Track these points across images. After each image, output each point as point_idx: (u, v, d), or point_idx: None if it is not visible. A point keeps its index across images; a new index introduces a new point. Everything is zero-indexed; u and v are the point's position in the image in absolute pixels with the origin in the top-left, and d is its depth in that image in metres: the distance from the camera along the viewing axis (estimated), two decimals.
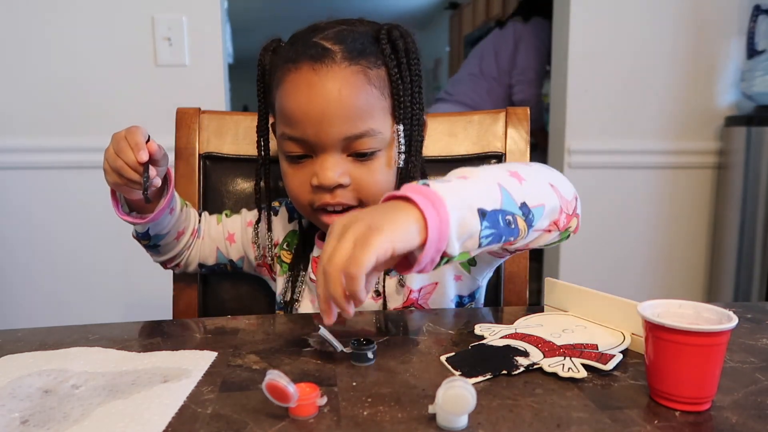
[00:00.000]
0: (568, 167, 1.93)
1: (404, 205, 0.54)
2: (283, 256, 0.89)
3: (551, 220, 0.65)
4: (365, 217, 0.52)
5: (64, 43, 1.66)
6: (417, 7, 5.73)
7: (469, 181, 0.58)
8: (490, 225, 0.56)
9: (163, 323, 0.71)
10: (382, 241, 0.50)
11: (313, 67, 0.73)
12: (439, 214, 0.53)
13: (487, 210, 0.56)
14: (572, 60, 1.89)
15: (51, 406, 0.49)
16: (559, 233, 0.68)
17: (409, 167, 0.78)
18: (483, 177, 0.60)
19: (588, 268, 1.99)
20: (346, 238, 0.51)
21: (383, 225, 0.51)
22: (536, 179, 0.65)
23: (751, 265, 1.85)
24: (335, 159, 0.74)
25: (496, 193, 0.58)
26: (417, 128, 0.78)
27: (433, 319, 0.71)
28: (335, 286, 0.50)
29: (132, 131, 0.71)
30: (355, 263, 0.49)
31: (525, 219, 0.60)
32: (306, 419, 0.46)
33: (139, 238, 0.85)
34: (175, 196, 0.84)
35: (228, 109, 1.84)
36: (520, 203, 0.60)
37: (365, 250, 0.49)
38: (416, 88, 0.78)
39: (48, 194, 1.73)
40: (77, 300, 1.78)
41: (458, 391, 0.43)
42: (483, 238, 0.57)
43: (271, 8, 5.16)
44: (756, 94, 1.86)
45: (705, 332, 0.46)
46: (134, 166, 0.70)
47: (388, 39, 0.76)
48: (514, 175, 0.62)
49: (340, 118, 0.72)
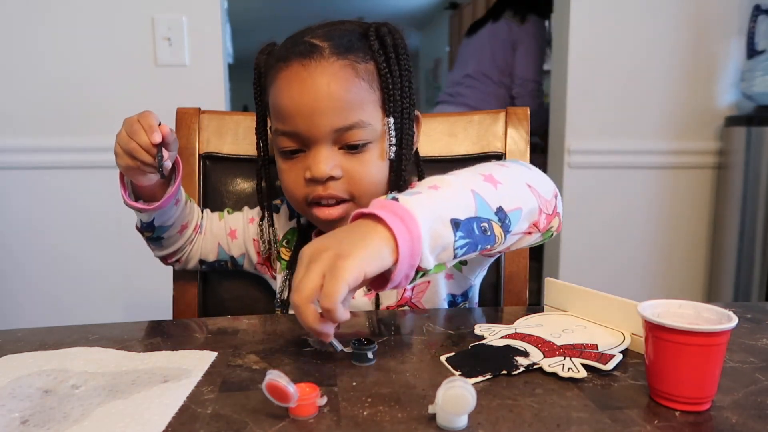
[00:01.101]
0: (568, 167, 1.93)
1: (372, 225, 0.53)
2: (282, 253, 0.90)
3: (530, 222, 0.65)
4: (332, 245, 0.52)
5: (64, 43, 1.66)
6: (417, 7, 5.73)
7: (440, 191, 0.57)
8: (464, 234, 0.56)
9: (163, 323, 0.71)
10: (352, 268, 0.49)
11: (302, 63, 0.74)
12: (410, 229, 0.52)
13: (461, 219, 0.56)
14: (572, 60, 1.89)
15: (51, 406, 0.49)
16: (540, 234, 0.67)
17: (402, 161, 0.79)
18: (455, 184, 0.59)
19: (588, 268, 1.99)
20: (312, 269, 0.51)
21: (352, 250, 0.50)
22: (512, 181, 0.64)
23: (751, 265, 1.85)
24: (327, 152, 0.75)
25: (470, 200, 0.58)
26: (408, 122, 0.79)
27: (433, 319, 0.71)
28: (306, 318, 0.51)
29: (145, 115, 0.73)
30: (327, 297, 0.49)
31: (501, 225, 0.59)
32: (306, 419, 0.46)
33: (143, 229, 0.86)
34: (181, 189, 0.84)
35: (228, 109, 1.84)
36: (495, 208, 0.59)
37: (336, 281, 0.49)
38: (406, 82, 0.79)
39: (48, 194, 1.73)
40: (77, 300, 1.78)
41: (458, 391, 0.43)
42: (458, 249, 0.56)
43: (271, 8, 5.17)
44: (756, 94, 1.86)
45: (705, 332, 0.46)
46: (147, 148, 0.71)
47: (376, 35, 0.78)
48: (489, 179, 0.61)
49: (330, 111, 0.73)
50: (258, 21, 5.22)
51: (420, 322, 0.69)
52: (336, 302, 0.49)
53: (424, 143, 0.97)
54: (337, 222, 0.78)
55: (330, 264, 0.50)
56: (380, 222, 0.53)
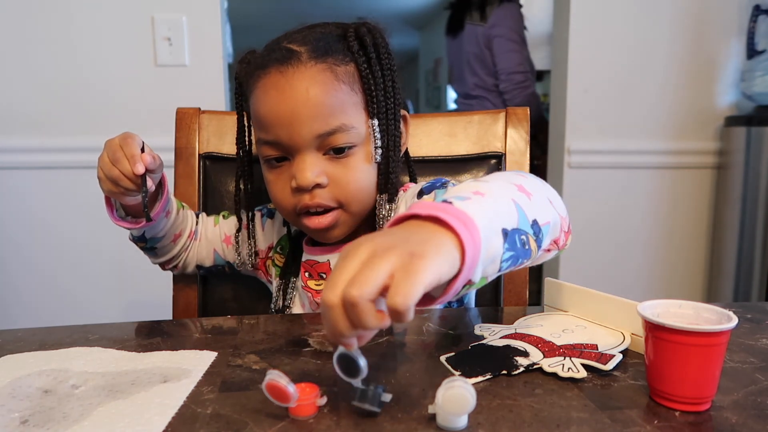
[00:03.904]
0: (568, 167, 1.94)
1: (435, 228, 0.46)
2: (276, 259, 0.89)
3: (552, 238, 0.61)
4: (398, 243, 0.44)
5: (64, 43, 1.66)
6: (416, 6, 5.73)
7: (486, 198, 0.52)
8: (509, 247, 0.52)
9: (162, 323, 0.71)
10: (430, 269, 0.42)
11: (280, 69, 0.73)
12: (473, 237, 0.46)
13: (508, 230, 0.52)
14: (572, 60, 1.89)
15: (51, 406, 0.49)
16: (557, 251, 0.63)
17: (389, 163, 0.77)
18: (496, 192, 0.54)
19: (588, 269, 1.99)
20: (378, 264, 0.42)
21: (427, 251, 0.43)
22: (539, 194, 0.60)
23: (751, 265, 1.85)
24: (311, 159, 0.74)
25: (512, 210, 0.53)
26: (393, 122, 0.77)
27: (433, 319, 0.71)
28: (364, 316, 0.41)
29: (127, 142, 0.71)
30: (403, 296, 0.40)
31: (536, 239, 0.55)
32: (306, 419, 0.46)
33: (135, 241, 0.86)
34: (171, 199, 0.84)
35: (228, 109, 1.84)
36: (531, 221, 0.55)
37: (414, 280, 0.41)
38: (389, 82, 0.77)
39: (48, 194, 1.73)
40: (77, 300, 1.78)
41: (458, 391, 0.43)
42: (504, 262, 0.52)
43: (271, 8, 5.17)
44: (756, 94, 1.86)
45: (705, 332, 0.46)
46: (131, 177, 0.70)
47: (355, 36, 0.76)
48: (522, 190, 0.57)
49: (310, 117, 0.72)
50: (258, 21, 5.21)
51: (420, 322, 0.69)
52: (411, 304, 0.41)
53: (424, 143, 0.97)
54: (327, 230, 0.77)
55: (404, 262, 0.42)
56: (444, 226, 0.46)
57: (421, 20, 6.19)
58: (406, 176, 0.88)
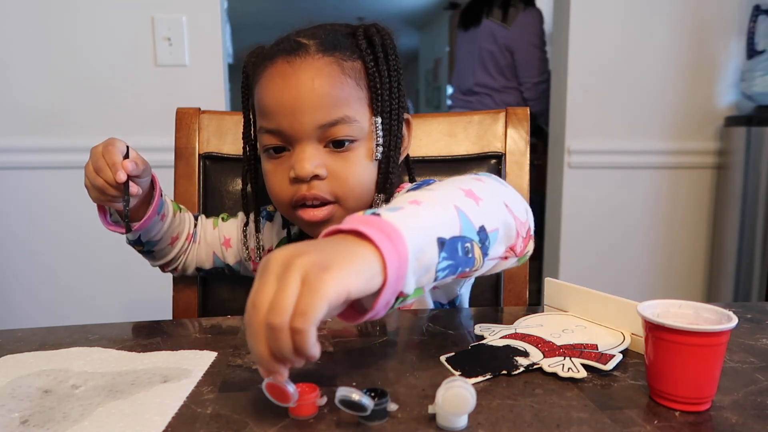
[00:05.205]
0: (568, 167, 1.94)
1: (356, 241, 0.45)
2: None
3: (507, 245, 0.58)
4: (311, 251, 0.43)
5: (64, 43, 1.66)
6: (417, 7, 5.74)
7: (423, 206, 0.50)
8: (447, 256, 0.50)
9: (162, 323, 0.71)
10: (335, 283, 0.40)
11: (287, 60, 0.73)
12: (397, 249, 0.45)
13: (446, 238, 0.50)
14: (572, 60, 1.89)
15: (51, 406, 0.49)
16: (517, 259, 0.61)
17: (390, 162, 0.77)
18: (438, 199, 0.53)
19: (588, 268, 1.99)
20: (289, 278, 0.41)
21: (334, 262, 0.42)
22: (491, 199, 0.57)
23: (751, 265, 1.85)
24: (312, 150, 0.73)
25: (454, 218, 0.52)
26: (396, 123, 0.77)
27: (433, 319, 0.71)
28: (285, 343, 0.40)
29: (108, 150, 0.71)
30: (302, 314, 0.39)
31: (481, 246, 0.54)
32: (306, 419, 0.46)
33: (132, 244, 0.85)
34: (167, 202, 0.84)
35: (228, 109, 1.84)
36: (478, 227, 0.53)
37: (316, 296, 0.40)
38: (395, 82, 0.77)
39: (48, 194, 1.73)
40: (77, 300, 1.78)
41: (458, 391, 0.43)
42: (440, 271, 0.50)
43: (271, 8, 5.17)
44: (756, 94, 1.86)
45: (705, 332, 0.46)
46: (114, 186, 0.71)
47: (364, 35, 0.77)
48: (470, 195, 0.55)
49: (313, 107, 0.72)
50: (258, 21, 5.21)
51: (420, 322, 0.69)
52: (311, 323, 0.39)
53: (424, 143, 0.97)
54: (322, 224, 0.76)
55: (310, 273, 0.41)
56: (364, 239, 0.45)
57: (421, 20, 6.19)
58: (406, 177, 0.88)
